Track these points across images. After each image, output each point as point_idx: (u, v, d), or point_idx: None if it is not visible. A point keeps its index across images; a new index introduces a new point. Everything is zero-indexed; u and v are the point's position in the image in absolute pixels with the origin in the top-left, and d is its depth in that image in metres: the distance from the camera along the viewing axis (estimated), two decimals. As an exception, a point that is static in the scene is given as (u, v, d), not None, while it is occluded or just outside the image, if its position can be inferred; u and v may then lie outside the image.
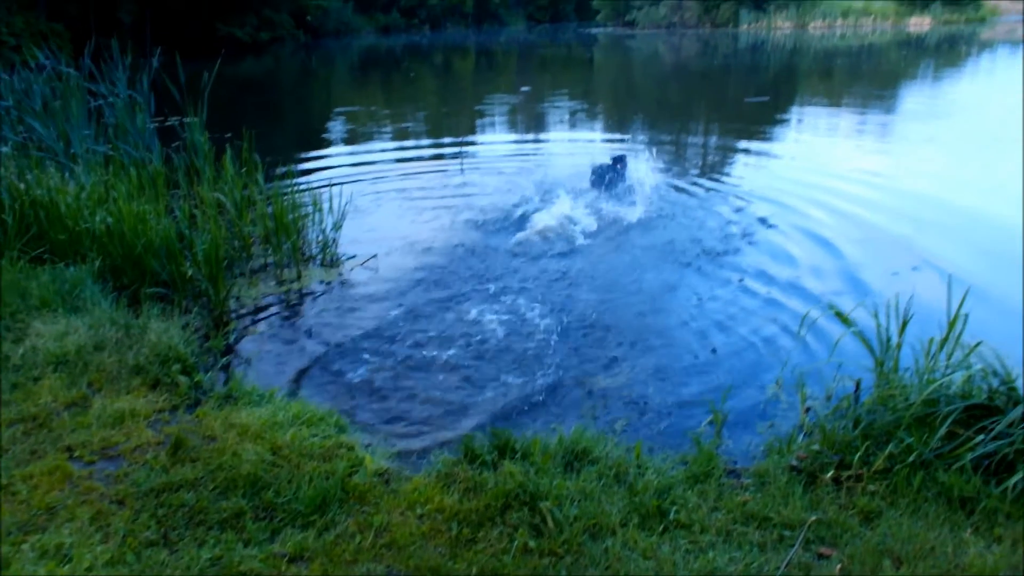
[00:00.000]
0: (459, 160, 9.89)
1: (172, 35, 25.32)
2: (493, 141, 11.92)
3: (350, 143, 11.87)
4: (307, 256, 5.79)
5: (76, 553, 2.23)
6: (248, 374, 3.89)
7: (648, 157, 8.60)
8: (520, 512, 2.47)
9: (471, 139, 12.09)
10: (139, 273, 4.61)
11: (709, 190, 7.82)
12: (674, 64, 26.81)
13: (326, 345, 4.30)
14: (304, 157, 10.20)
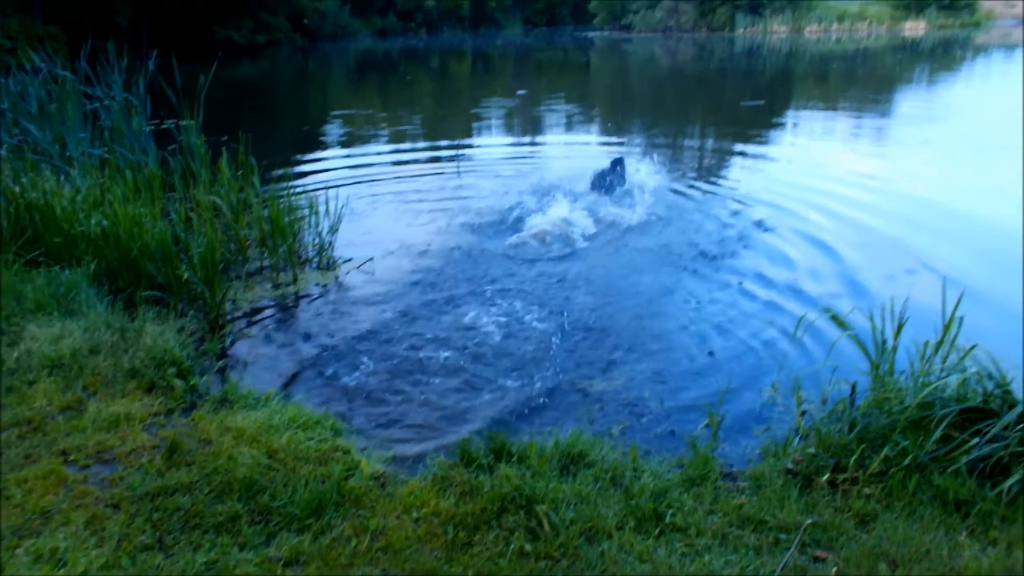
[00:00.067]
0: (455, 163, 9.90)
1: (168, 38, 25.37)
2: (489, 144, 11.93)
3: (346, 146, 11.86)
4: (303, 259, 5.78)
5: (71, 557, 2.22)
6: (244, 377, 3.89)
7: (648, 160, 8.61)
8: (516, 515, 2.47)
9: (467, 142, 12.11)
10: (135, 276, 4.59)
11: (706, 193, 7.84)
12: (670, 68, 26.88)
13: (322, 348, 4.29)
14: (300, 160, 10.19)
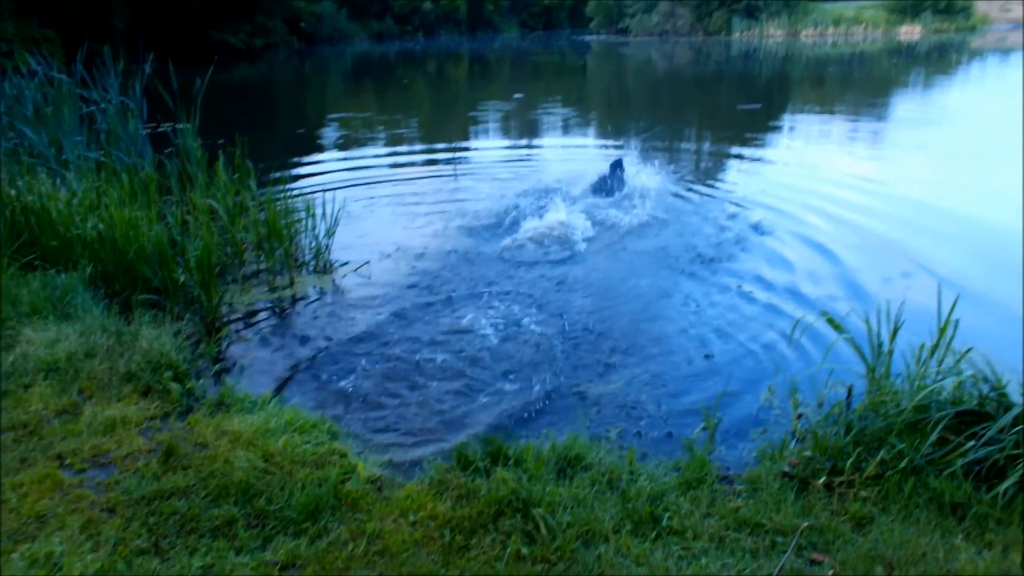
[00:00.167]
0: (452, 166, 9.90)
1: (165, 41, 25.30)
2: (487, 147, 11.94)
3: (343, 149, 11.85)
4: (300, 262, 5.78)
5: (66, 562, 2.21)
6: (240, 381, 3.88)
7: (646, 163, 8.63)
8: (513, 519, 2.46)
9: (464, 145, 12.11)
10: (131, 280, 4.58)
11: (704, 196, 7.85)
12: (667, 71, 26.93)
13: (318, 351, 4.29)
14: (297, 163, 10.19)
